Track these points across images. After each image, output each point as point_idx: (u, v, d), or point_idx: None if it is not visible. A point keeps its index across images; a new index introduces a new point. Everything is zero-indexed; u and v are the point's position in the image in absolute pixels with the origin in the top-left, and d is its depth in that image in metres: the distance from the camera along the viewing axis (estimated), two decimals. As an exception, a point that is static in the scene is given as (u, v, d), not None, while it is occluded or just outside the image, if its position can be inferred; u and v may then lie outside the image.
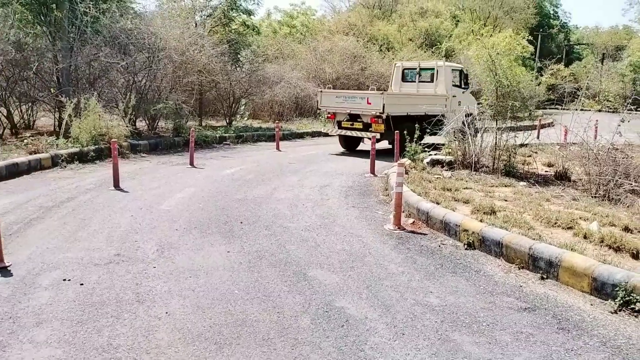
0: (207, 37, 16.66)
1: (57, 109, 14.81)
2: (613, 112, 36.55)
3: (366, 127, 13.86)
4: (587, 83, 38.85)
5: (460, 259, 5.65)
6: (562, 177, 10.43)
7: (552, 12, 60.72)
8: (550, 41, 56.53)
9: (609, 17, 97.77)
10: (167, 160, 12.78)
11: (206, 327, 3.96)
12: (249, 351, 3.62)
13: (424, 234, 6.54)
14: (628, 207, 7.92)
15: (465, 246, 5.97)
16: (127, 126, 13.27)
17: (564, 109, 35.86)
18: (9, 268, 5.10)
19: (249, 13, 20.72)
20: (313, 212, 7.59)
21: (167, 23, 15.75)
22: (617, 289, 4.38)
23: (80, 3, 13.58)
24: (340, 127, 14.64)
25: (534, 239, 5.39)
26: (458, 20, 42.13)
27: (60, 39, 14.07)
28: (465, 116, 11.21)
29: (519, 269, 5.29)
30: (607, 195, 8.71)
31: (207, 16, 17.59)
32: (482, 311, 4.33)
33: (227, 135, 16.97)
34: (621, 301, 4.32)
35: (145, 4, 49.18)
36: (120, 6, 15.81)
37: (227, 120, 20.06)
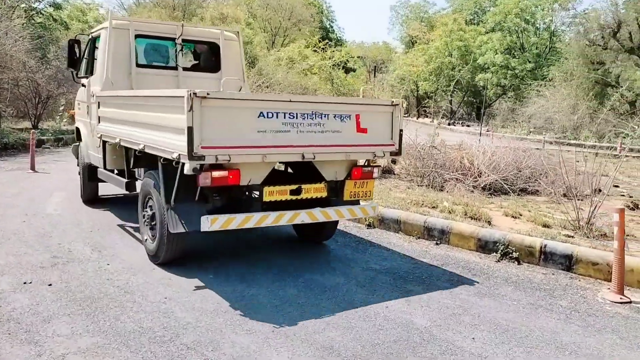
0: (16, 31, 15.14)
1: None
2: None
3: (334, 192, 5.54)
4: (364, 90, 43.88)
5: (369, 236, 6.81)
6: (388, 172, 12.43)
7: (329, 26, 66.90)
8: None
9: (377, 34, 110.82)
10: (-7, 165, 11.51)
11: (215, 305, 4.39)
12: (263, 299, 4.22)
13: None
14: (449, 191, 10.03)
15: (367, 226, 7.17)
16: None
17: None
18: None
19: (57, 7, 19.17)
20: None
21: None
22: (497, 244, 6.00)
23: None
24: (261, 206, 5.17)
25: (425, 215, 6.84)
26: (252, 28, 43.98)
27: None
28: None
29: (417, 239, 6.66)
30: (430, 184, 10.78)
31: (10, 8, 15.88)
32: (414, 269, 5.53)
33: (45, 138, 15.65)
34: (502, 253, 5.94)
35: None
36: None
37: (33, 122, 18.27)
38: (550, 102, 28.52)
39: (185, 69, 7.50)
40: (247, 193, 5.19)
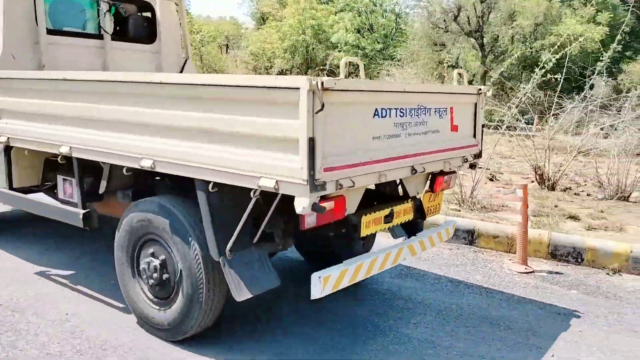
0: None
1: None
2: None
3: (419, 212, 4.13)
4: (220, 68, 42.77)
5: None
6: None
7: (174, -1, 63.70)
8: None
9: (226, 9, 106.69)
10: None
11: (132, 317, 3.83)
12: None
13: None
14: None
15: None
16: None
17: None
18: None
19: None
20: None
21: None
22: (403, 223, 6.08)
23: None
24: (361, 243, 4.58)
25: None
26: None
27: None
28: None
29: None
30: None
31: None
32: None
33: None
34: (408, 231, 6.04)
35: None
36: None
37: None
38: (399, 81, 30.23)
39: (115, 36, 5.65)
40: (343, 229, 3.55)
